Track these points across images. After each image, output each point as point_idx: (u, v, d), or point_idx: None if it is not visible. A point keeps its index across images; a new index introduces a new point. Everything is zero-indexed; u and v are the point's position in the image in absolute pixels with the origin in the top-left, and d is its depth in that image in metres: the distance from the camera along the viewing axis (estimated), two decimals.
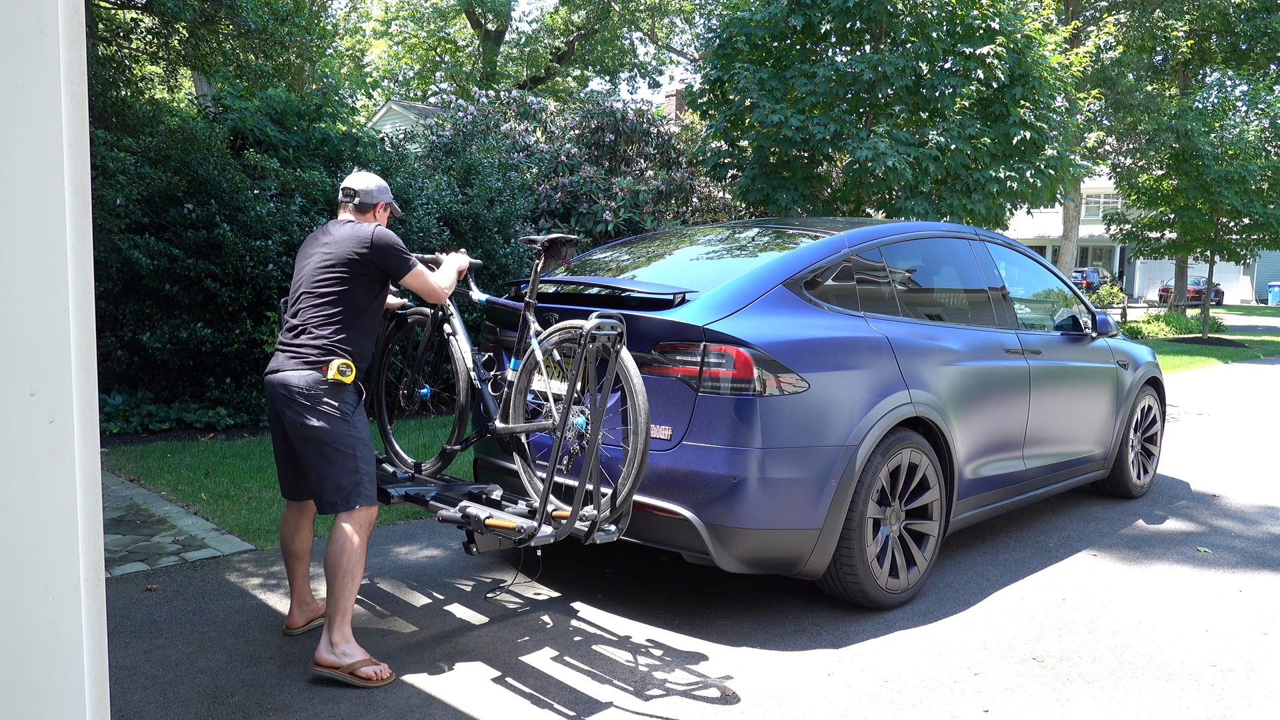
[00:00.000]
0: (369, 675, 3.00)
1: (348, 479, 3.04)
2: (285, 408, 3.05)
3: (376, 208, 3.36)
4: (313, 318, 3.11)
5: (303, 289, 3.18)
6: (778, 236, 4.39)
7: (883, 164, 8.94)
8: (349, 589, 3.03)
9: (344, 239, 3.15)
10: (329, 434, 3.02)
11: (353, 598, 3.06)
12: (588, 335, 2.85)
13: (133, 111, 6.79)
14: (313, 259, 3.18)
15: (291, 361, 3.07)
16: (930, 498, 3.92)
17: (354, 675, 2.99)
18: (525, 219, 9.58)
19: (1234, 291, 45.52)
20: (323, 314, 3.11)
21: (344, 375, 3.04)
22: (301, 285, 3.19)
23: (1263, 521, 5.38)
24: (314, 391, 3.02)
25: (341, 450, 3.04)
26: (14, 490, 1.37)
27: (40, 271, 1.37)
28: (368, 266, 3.14)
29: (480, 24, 28.40)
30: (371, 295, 3.21)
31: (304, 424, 3.02)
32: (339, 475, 3.04)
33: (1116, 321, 6.69)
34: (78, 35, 1.39)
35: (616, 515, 3.05)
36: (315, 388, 3.03)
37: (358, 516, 3.06)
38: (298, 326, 3.13)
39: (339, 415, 3.04)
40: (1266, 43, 22.14)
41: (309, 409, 3.01)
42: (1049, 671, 3.27)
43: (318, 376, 3.03)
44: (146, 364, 7.07)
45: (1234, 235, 19.03)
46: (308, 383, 3.03)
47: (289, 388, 3.03)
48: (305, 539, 3.37)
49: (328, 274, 3.13)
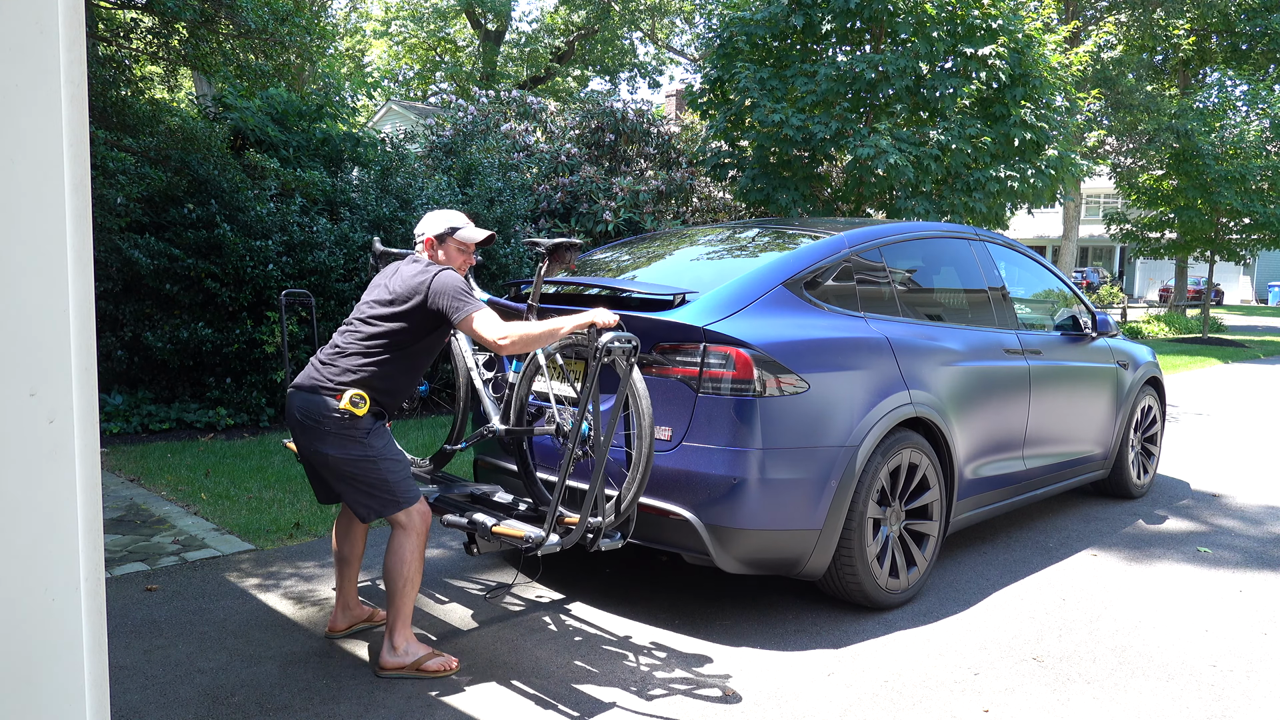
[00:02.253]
0: (437, 668, 3.04)
1: (376, 492, 2.99)
2: (297, 428, 3.02)
3: (424, 245, 3.23)
4: (351, 343, 3.05)
5: (358, 313, 3.12)
6: (778, 237, 4.39)
7: (884, 162, 8.93)
8: (408, 596, 3.03)
9: (406, 276, 3.07)
10: (344, 459, 2.95)
11: (412, 602, 3.06)
12: (602, 349, 2.75)
13: (133, 111, 6.79)
14: (379, 288, 3.13)
15: (311, 382, 3.01)
16: (930, 498, 3.92)
17: (422, 670, 3.03)
18: (525, 219, 9.58)
19: (1234, 291, 45.52)
20: (363, 344, 3.04)
21: (356, 407, 2.92)
22: (359, 310, 3.13)
23: (1263, 521, 5.37)
24: (322, 416, 2.95)
25: (363, 470, 2.97)
26: (14, 490, 1.37)
27: (40, 271, 1.37)
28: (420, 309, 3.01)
29: (480, 24, 28.39)
30: (422, 338, 3.08)
31: (317, 449, 2.98)
32: (363, 493, 3.00)
33: (1116, 321, 6.69)
34: (78, 35, 1.39)
35: (621, 521, 3.05)
36: (323, 413, 2.95)
37: (408, 521, 3.01)
38: (337, 347, 3.07)
39: (351, 440, 2.96)
40: (1267, 43, 22.13)
41: (318, 435, 2.96)
42: (1049, 671, 3.27)
43: (329, 403, 2.95)
44: (146, 364, 7.07)
45: (1234, 235, 19.03)
46: (317, 407, 2.95)
47: (302, 409, 2.98)
48: (355, 544, 3.33)
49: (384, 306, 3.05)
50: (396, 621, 3.05)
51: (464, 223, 3.27)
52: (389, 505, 3.00)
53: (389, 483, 2.99)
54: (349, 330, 3.09)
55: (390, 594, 3.04)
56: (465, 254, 3.28)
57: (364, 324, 3.06)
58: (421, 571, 3.07)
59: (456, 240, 3.24)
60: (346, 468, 2.96)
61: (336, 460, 2.95)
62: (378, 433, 3.02)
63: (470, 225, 3.28)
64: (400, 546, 3.02)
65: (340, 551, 3.34)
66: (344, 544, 3.33)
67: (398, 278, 3.09)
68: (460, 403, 3.84)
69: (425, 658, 3.06)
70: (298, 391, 3.01)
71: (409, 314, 3.01)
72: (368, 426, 2.99)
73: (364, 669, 3.12)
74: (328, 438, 2.94)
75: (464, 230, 3.25)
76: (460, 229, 3.24)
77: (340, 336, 3.09)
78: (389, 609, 3.06)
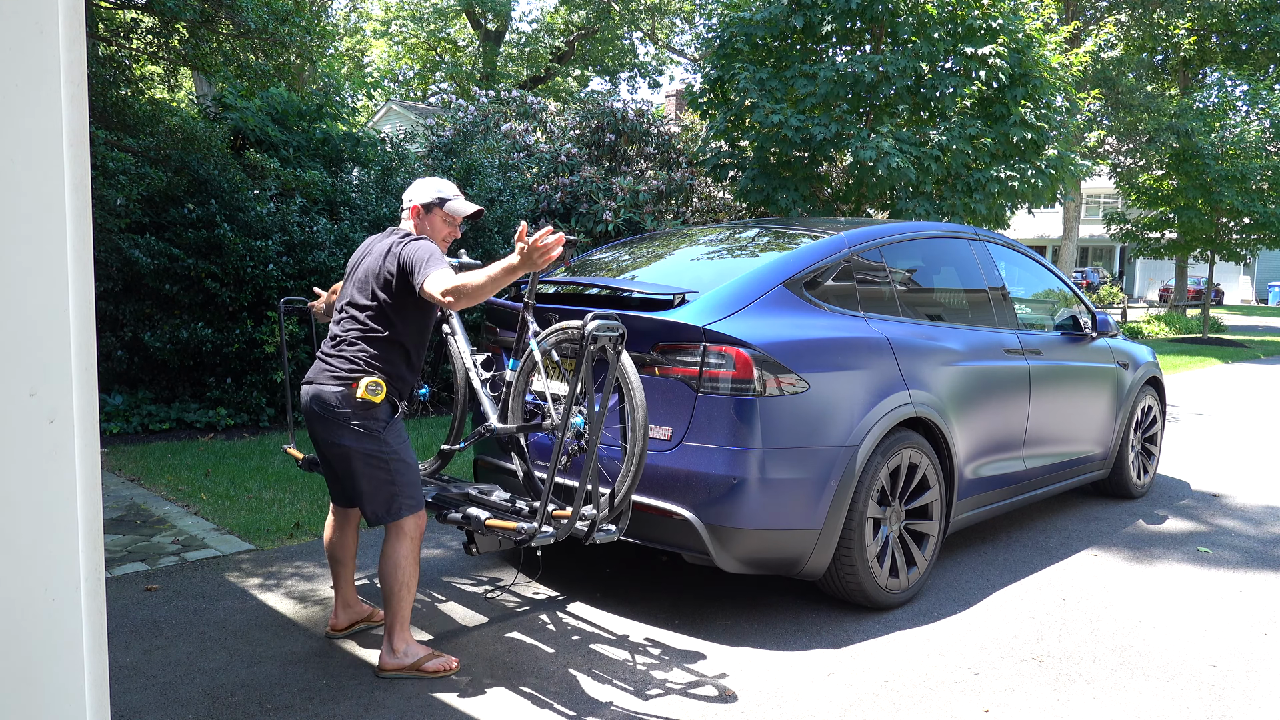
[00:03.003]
0: (437, 668, 3.04)
1: (383, 494, 2.99)
2: (316, 422, 3.01)
3: (410, 212, 3.17)
4: (350, 330, 3.03)
5: (346, 298, 3.09)
6: (778, 237, 4.39)
7: (886, 164, 8.93)
8: (404, 600, 3.03)
9: (379, 253, 3.03)
10: (358, 453, 2.95)
11: (409, 606, 3.05)
12: (589, 337, 2.81)
13: (133, 111, 6.79)
14: (359, 269, 3.09)
15: (324, 375, 2.99)
16: (930, 498, 3.92)
17: (421, 671, 3.02)
18: (525, 219, 9.58)
19: (1234, 291, 45.51)
20: (359, 328, 3.01)
21: (373, 394, 2.92)
22: (346, 294, 3.11)
23: (1264, 521, 5.37)
24: (342, 409, 2.94)
25: (374, 468, 2.97)
26: (14, 490, 1.37)
27: (40, 271, 1.37)
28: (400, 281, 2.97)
29: (480, 24, 28.39)
30: (408, 311, 3.04)
31: (334, 442, 2.98)
32: (375, 491, 3.00)
33: (1116, 321, 6.69)
34: (78, 35, 1.39)
35: (616, 514, 3.05)
36: (343, 405, 2.94)
37: (403, 528, 3.02)
38: (337, 337, 3.05)
39: (366, 433, 2.95)
40: (1267, 43, 22.13)
41: (336, 426, 2.95)
42: (1049, 671, 3.27)
43: (346, 393, 2.94)
44: (146, 364, 7.07)
45: (1234, 235, 19.03)
46: (336, 399, 2.94)
47: (320, 402, 2.96)
48: (347, 546, 3.33)
49: (366, 287, 3.02)
50: (395, 624, 3.05)
51: (454, 193, 3.20)
52: (394, 508, 3.00)
53: (398, 484, 2.99)
54: (344, 319, 3.07)
55: (386, 597, 3.04)
56: (451, 226, 3.21)
57: (357, 310, 3.04)
58: (418, 574, 3.07)
59: (444, 212, 3.17)
60: (359, 462, 2.96)
61: (353, 453, 2.95)
62: (395, 430, 3.01)
63: (460, 197, 3.22)
64: (395, 551, 3.01)
65: (333, 552, 3.33)
66: (336, 544, 3.33)
67: (372, 256, 3.06)
68: (459, 403, 3.84)
69: (425, 659, 3.06)
70: (313, 385, 3.01)
71: (391, 289, 2.98)
72: (385, 418, 2.98)
73: (364, 669, 3.12)
74: (346, 430, 2.94)
75: (453, 202, 3.18)
76: (450, 200, 3.17)
77: (337, 326, 3.08)
78: (386, 612, 3.06)
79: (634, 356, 3.26)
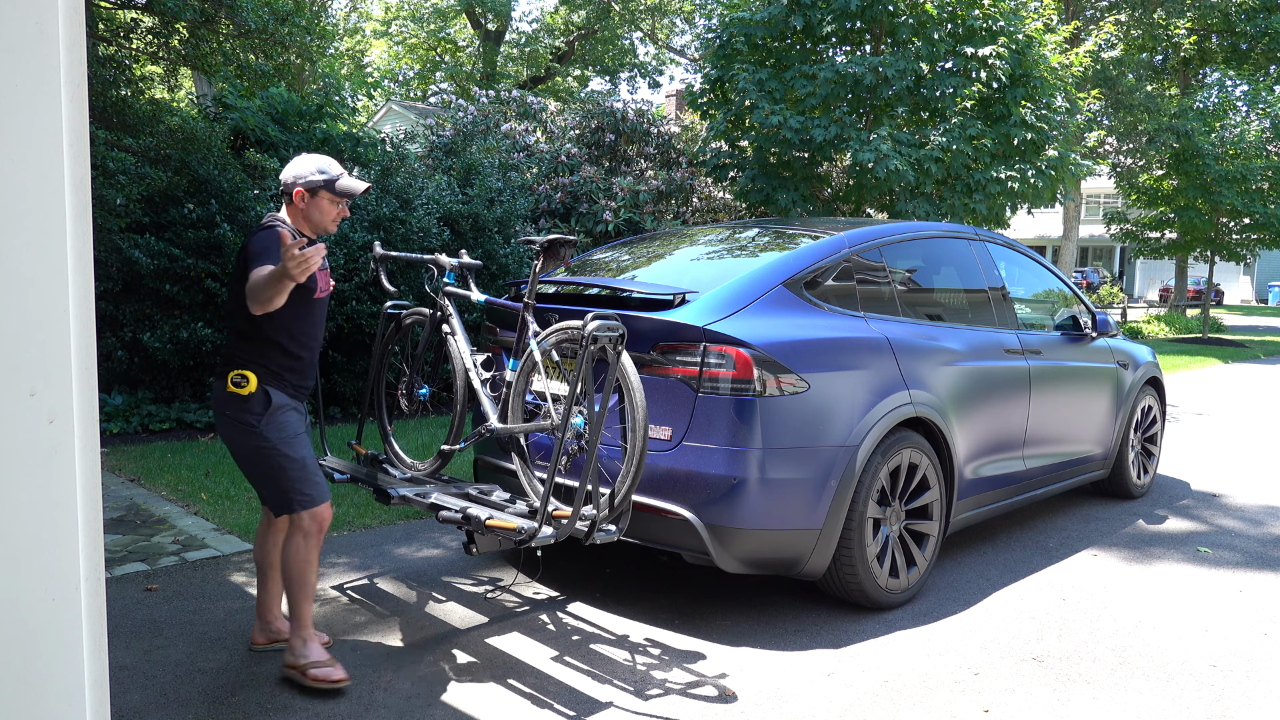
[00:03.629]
0: (317, 677, 2.93)
1: (271, 487, 2.97)
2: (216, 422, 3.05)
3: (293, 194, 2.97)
4: (227, 328, 3.02)
5: None
6: (778, 237, 4.39)
7: (885, 166, 8.94)
8: (298, 595, 2.97)
9: None
10: (239, 446, 2.95)
11: (307, 602, 2.98)
12: (589, 337, 2.82)
13: (133, 111, 6.79)
14: None
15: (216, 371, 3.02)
16: (930, 498, 3.92)
17: (304, 675, 2.95)
18: (525, 219, 9.59)
19: (1234, 291, 45.51)
20: (229, 323, 3.00)
21: (238, 387, 2.87)
22: None
23: (1264, 521, 5.37)
24: (217, 402, 2.96)
25: (256, 462, 2.94)
26: (14, 490, 1.37)
27: (40, 271, 1.37)
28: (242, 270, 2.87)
29: (480, 24, 28.40)
30: None
31: (223, 436, 3.00)
32: (262, 483, 2.99)
33: (1116, 321, 6.69)
34: (78, 35, 1.39)
35: (616, 514, 3.05)
36: (217, 398, 2.96)
37: (300, 521, 2.96)
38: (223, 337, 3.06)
39: (241, 425, 2.90)
40: (1267, 43, 22.13)
41: (219, 420, 2.98)
42: (1049, 671, 3.27)
43: (219, 385, 2.95)
44: (146, 364, 7.07)
45: (1234, 235, 19.04)
46: (215, 393, 2.98)
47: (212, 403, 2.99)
48: (270, 550, 3.20)
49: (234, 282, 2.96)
50: (293, 618, 3.00)
51: (338, 170, 3.01)
52: (287, 502, 2.95)
53: (287, 479, 2.93)
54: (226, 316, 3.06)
55: (285, 590, 3.02)
56: (339, 206, 3.02)
57: (230, 305, 2.99)
58: (315, 573, 3.00)
59: (331, 193, 2.97)
60: (241, 455, 2.97)
61: (235, 445, 2.95)
62: (275, 424, 2.92)
63: (345, 174, 3.02)
64: (289, 545, 2.98)
65: (257, 558, 3.23)
66: (260, 549, 3.22)
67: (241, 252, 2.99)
68: (458, 403, 3.84)
69: (311, 665, 2.94)
70: None
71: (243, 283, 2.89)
72: (259, 411, 2.90)
73: (363, 670, 3.12)
74: (223, 421, 2.96)
75: (343, 180, 2.98)
76: (337, 178, 2.97)
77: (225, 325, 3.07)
78: (288, 605, 3.02)
79: (634, 356, 3.25)
